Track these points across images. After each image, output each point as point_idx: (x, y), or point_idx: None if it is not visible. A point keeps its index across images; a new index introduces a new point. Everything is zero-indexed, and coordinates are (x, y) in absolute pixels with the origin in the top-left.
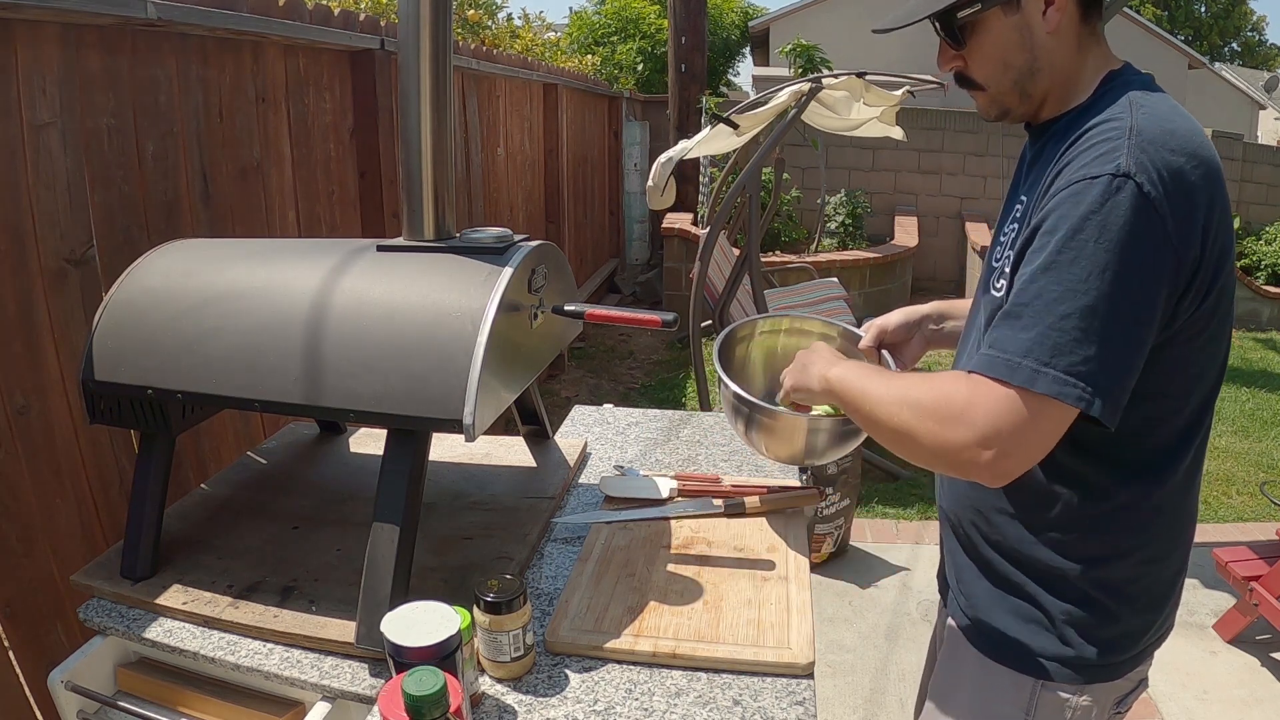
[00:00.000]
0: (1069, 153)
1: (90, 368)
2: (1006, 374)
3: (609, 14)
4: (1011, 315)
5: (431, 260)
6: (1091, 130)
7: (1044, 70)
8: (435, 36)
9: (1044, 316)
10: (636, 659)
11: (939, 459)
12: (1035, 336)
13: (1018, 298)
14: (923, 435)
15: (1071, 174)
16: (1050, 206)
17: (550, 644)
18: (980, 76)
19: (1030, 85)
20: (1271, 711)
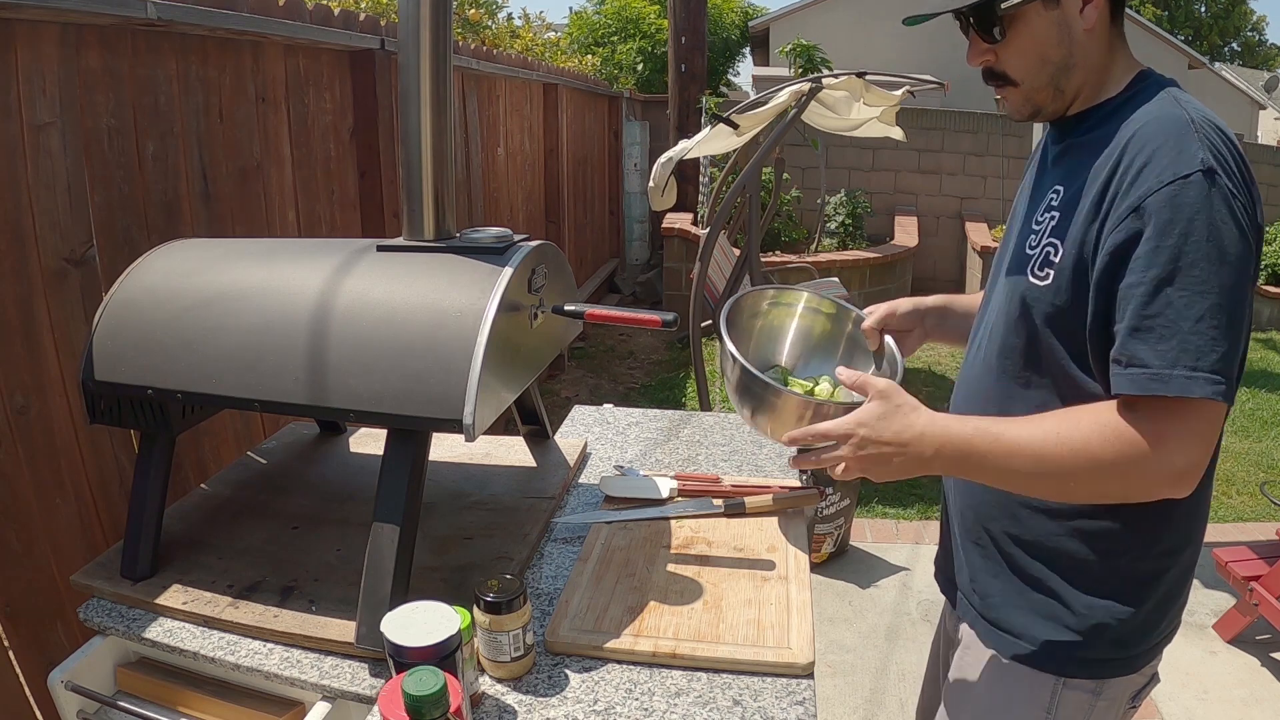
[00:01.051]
0: (1131, 152)
1: (90, 368)
2: (1162, 389)
3: (609, 14)
4: (1143, 330)
5: (431, 260)
6: (1150, 126)
7: (1078, 67)
8: (435, 36)
9: (1179, 323)
10: (636, 659)
11: (1133, 496)
12: (1177, 345)
13: (1143, 310)
14: (1114, 480)
15: (1158, 175)
16: (1148, 209)
17: (550, 644)
18: (1016, 72)
19: (1065, 81)
20: (1271, 711)
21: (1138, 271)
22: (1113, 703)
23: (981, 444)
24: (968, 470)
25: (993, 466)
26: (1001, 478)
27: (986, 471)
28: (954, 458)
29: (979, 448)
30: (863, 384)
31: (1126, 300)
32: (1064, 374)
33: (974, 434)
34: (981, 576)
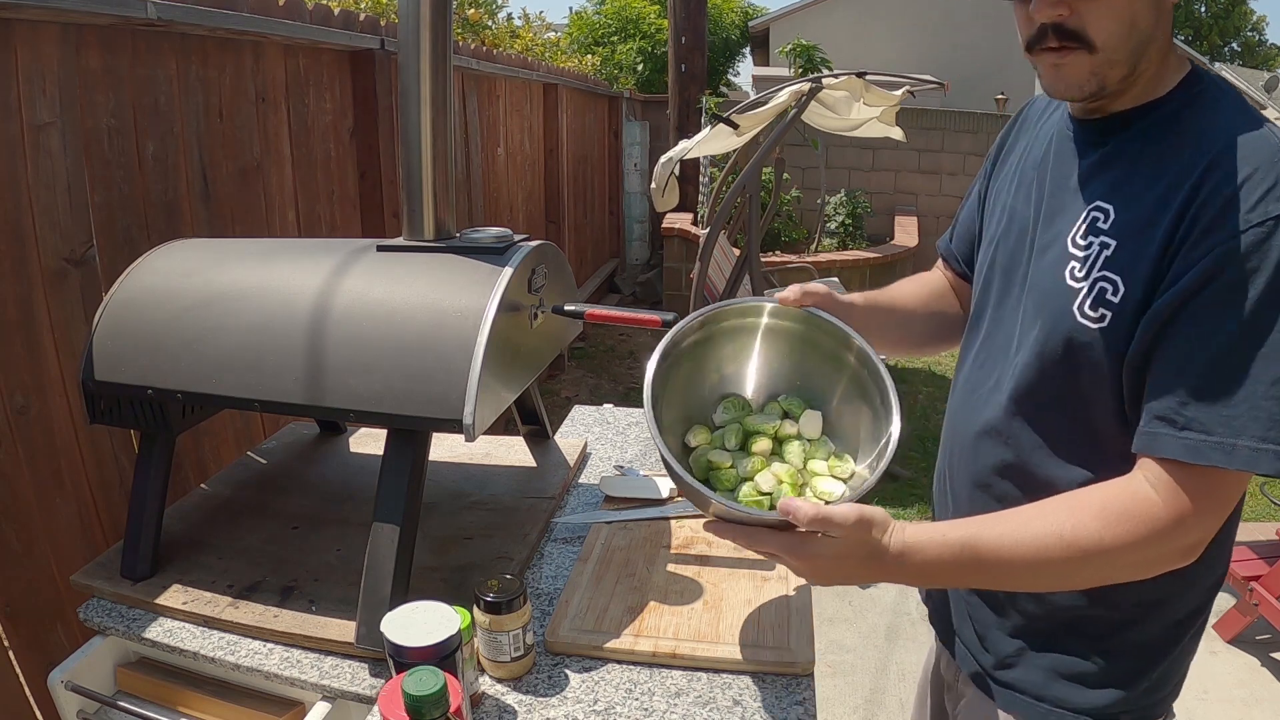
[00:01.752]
0: (1216, 176)
1: (90, 368)
2: (1224, 460)
3: (609, 14)
4: (1208, 390)
5: (431, 260)
6: (1239, 148)
7: (1155, 45)
8: (435, 36)
9: (1254, 387)
10: (636, 659)
11: (1137, 577)
12: (1247, 411)
13: (1213, 368)
14: (1123, 569)
15: (1246, 212)
16: (1226, 252)
17: (550, 644)
18: (1099, 33)
19: (1143, 59)
20: (1271, 711)
21: (1210, 321)
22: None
23: (966, 560)
24: (953, 584)
25: (983, 580)
26: (995, 586)
27: (974, 583)
28: (935, 578)
29: (963, 564)
30: (822, 523)
31: (1191, 353)
32: (1113, 433)
33: (958, 551)
34: (994, 634)
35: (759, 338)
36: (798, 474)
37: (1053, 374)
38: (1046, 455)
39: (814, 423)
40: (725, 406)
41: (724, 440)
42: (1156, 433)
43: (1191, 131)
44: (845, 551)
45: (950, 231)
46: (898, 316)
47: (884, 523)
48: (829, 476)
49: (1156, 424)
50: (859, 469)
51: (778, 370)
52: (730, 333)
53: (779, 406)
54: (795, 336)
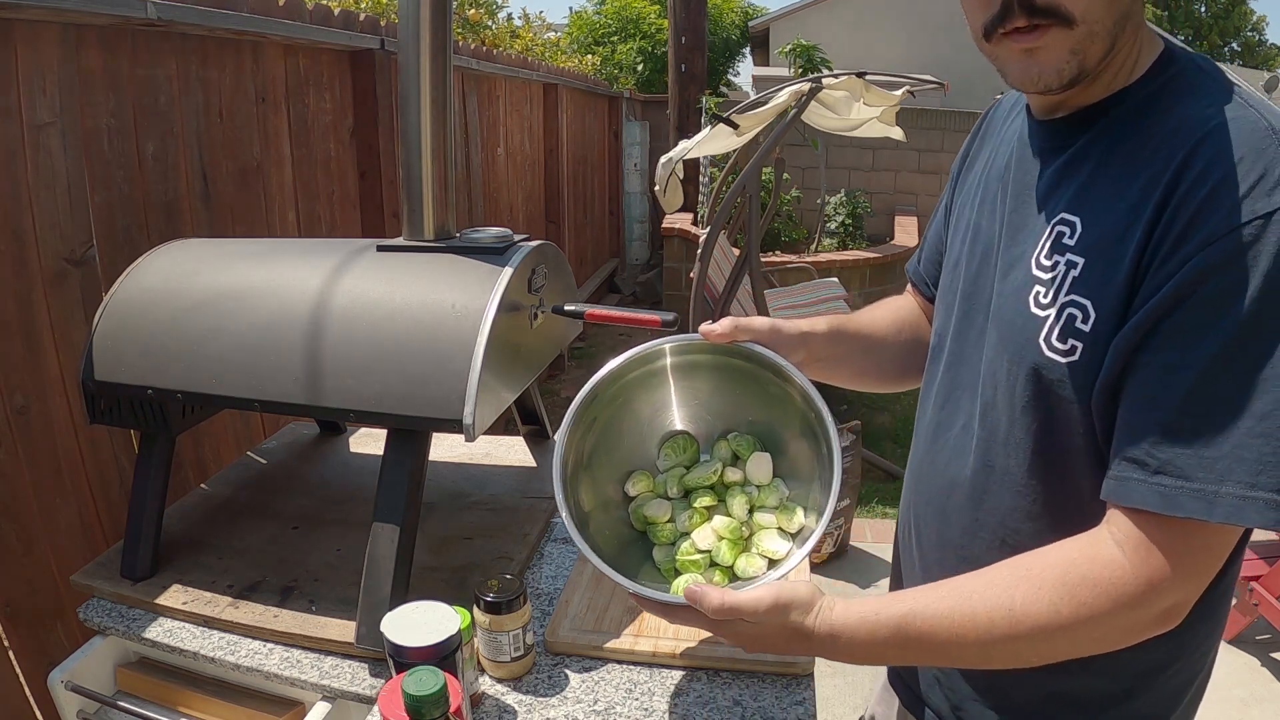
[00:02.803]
0: (1194, 170)
1: (90, 368)
2: (1203, 511)
3: (609, 14)
4: (1185, 429)
5: (431, 260)
6: (1217, 135)
7: (1132, 24)
8: (435, 36)
9: (1239, 420)
10: (636, 659)
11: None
12: (1231, 451)
13: (1188, 401)
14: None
15: (1228, 213)
16: (1205, 261)
17: (550, 644)
18: (1078, 5)
19: (1122, 37)
20: (1271, 711)
21: (1186, 343)
22: None
23: (899, 640)
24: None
25: (921, 657)
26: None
27: (911, 660)
28: (865, 658)
29: (897, 643)
30: (732, 611)
31: (1165, 384)
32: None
33: (891, 638)
34: (972, 707)
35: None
36: (740, 528)
37: (1023, 418)
38: (1024, 517)
39: (763, 466)
40: (667, 452)
41: (666, 487)
42: (1126, 477)
43: (1166, 121)
44: (767, 633)
45: (918, 254)
46: (865, 344)
47: (806, 603)
48: (774, 531)
49: (1125, 467)
50: (808, 520)
51: (719, 407)
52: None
53: (728, 446)
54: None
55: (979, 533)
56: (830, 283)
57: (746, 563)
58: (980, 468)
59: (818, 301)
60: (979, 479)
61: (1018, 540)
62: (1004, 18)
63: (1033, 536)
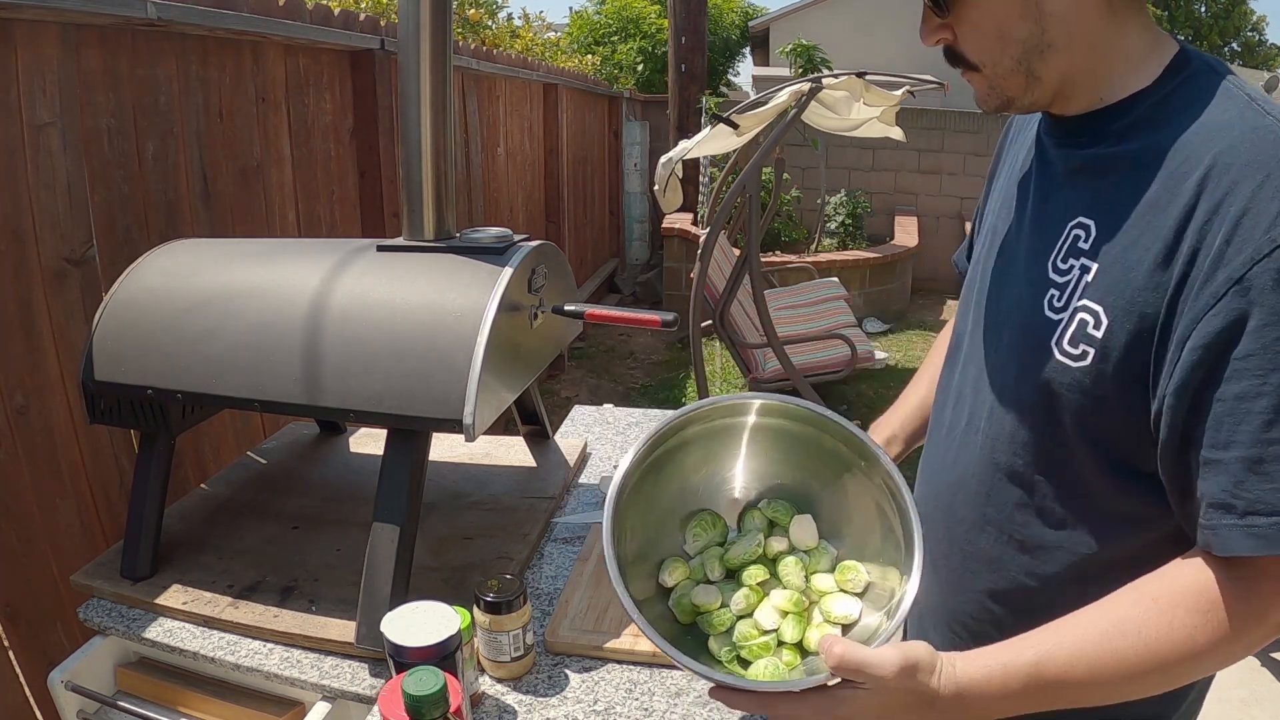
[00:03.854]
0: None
1: (90, 368)
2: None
3: (609, 14)
4: (1269, 460)
5: (431, 260)
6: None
7: (1059, 46)
8: (435, 36)
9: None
10: (636, 659)
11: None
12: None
13: (1266, 431)
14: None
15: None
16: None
17: (550, 644)
18: (973, 53)
19: (1039, 65)
20: (1271, 711)
21: (1252, 376)
22: None
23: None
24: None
25: (1055, 702)
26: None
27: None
28: (996, 713)
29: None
30: (859, 669)
31: (1237, 418)
32: (1099, 487)
33: (1024, 688)
34: None
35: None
36: (800, 598)
37: (1032, 420)
38: (1031, 515)
39: (808, 529)
40: (695, 532)
41: (705, 571)
42: (1216, 524)
43: (1180, 126)
44: (886, 704)
45: (966, 245)
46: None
47: (930, 662)
48: (839, 593)
49: (1215, 514)
50: (872, 576)
51: (754, 472)
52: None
53: (760, 515)
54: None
55: (985, 528)
56: (830, 282)
57: (820, 635)
58: (988, 465)
59: (818, 301)
60: (986, 476)
61: (1024, 536)
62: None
63: (1040, 533)
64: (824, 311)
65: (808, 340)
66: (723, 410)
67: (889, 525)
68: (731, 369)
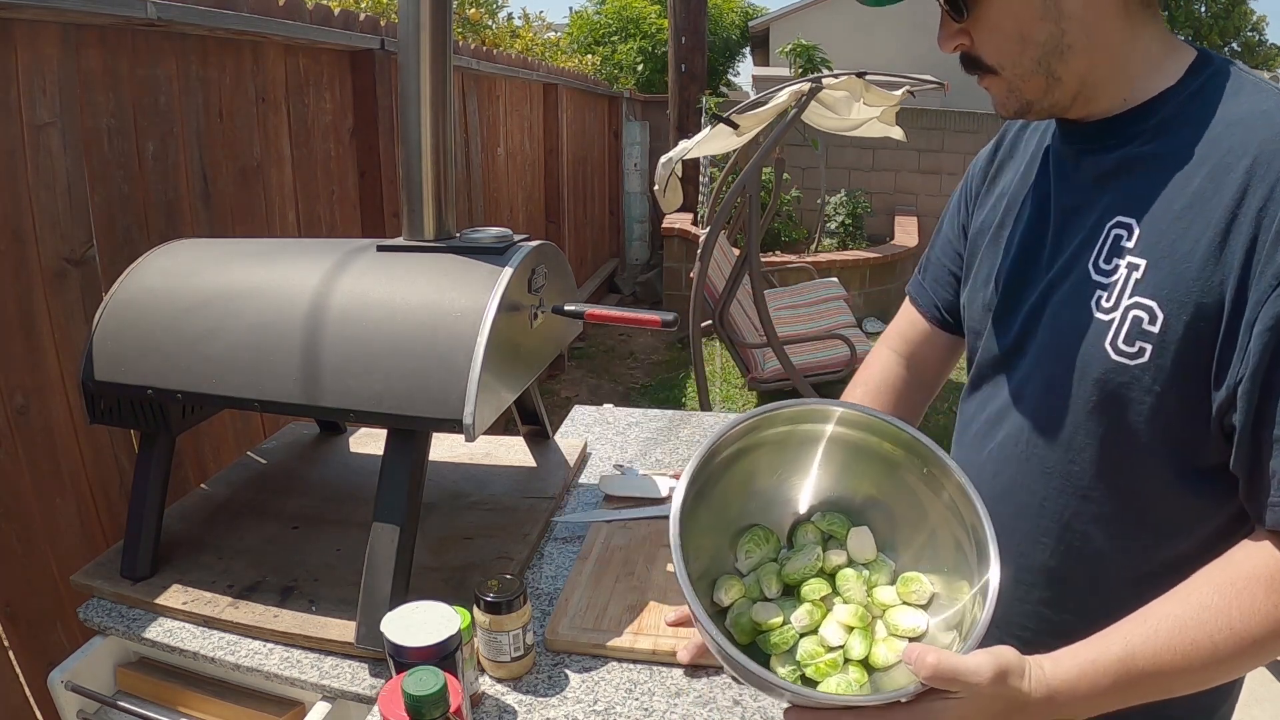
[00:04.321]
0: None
1: (90, 368)
2: None
3: (609, 14)
4: None
5: (431, 260)
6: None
7: (1078, 48)
8: (435, 36)
9: None
10: (636, 657)
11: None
12: None
13: None
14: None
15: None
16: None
17: (550, 642)
18: (993, 56)
19: (1060, 66)
20: (1272, 711)
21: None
22: None
23: (1124, 683)
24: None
25: (1145, 694)
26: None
27: (1133, 700)
28: (1087, 709)
29: (1120, 687)
30: (952, 679)
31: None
32: (1159, 484)
33: (1115, 684)
34: None
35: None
36: (865, 612)
37: (1088, 422)
38: (1090, 520)
39: (866, 541)
40: (747, 548)
41: (760, 589)
42: None
43: (1214, 123)
44: (977, 712)
45: (921, 274)
46: None
47: (1020, 666)
48: (904, 606)
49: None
50: (935, 587)
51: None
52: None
53: (814, 529)
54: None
55: (1040, 540)
56: (830, 283)
57: (888, 649)
58: (1040, 476)
59: (818, 301)
60: (1039, 488)
61: (1085, 543)
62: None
63: (1104, 538)
64: (824, 311)
65: (807, 340)
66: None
67: (956, 537)
68: (731, 369)
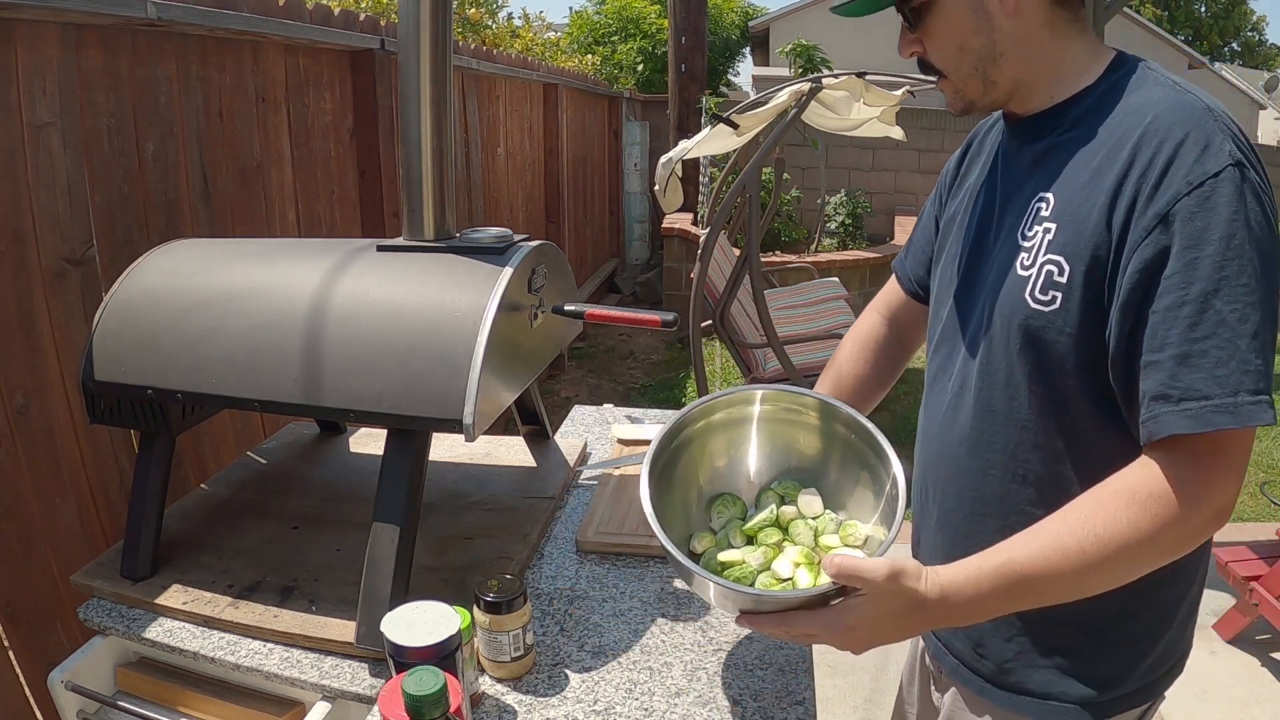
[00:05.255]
0: (1149, 148)
1: (90, 368)
2: (1230, 421)
3: (609, 14)
4: (1195, 355)
5: (431, 260)
6: (1164, 118)
7: (1009, 55)
8: (435, 36)
9: (1235, 343)
10: (651, 553)
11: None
12: (1238, 367)
13: (1192, 332)
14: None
15: (1185, 176)
16: (1179, 216)
17: (581, 544)
18: (939, 61)
19: (993, 71)
20: (1271, 711)
21: (1177, 290)
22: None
23: (1005, 587)
24: (995, 614)
25: (1025, 601)
26: (1038, 604)
27: (1017, 607)
28: (976, 613)
29: (1002, 591)
30: (853, 576)
31: (1168, 324)
32: (1085, 413)
33: (995, 581)
34: (992, 641)
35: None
36: (812, 553)
37: (1020, 362)
38: (1031, 449)
39: (813, 502)
40: (718, 510)
41: (729, 540)
42: (1158, 414)
43: (1118, 112)
44: (883, 610)
45: (905, 251)
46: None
47: (916, 570)
48: (844, 547)
49: (1155, 405)
50: (871, 531)
51: (766, 457)
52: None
53: (773, 494)
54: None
55: (990, 472)
56: (830, 282)
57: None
58: (983, 414)
59: (818, 301)
60: (984, 425)
61: (1028, 469)
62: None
63: (1041, 464)
64: (824, 311)
65: (808, 340)
66: (725, 403)
67: (881, 488)
68: (731, 369)
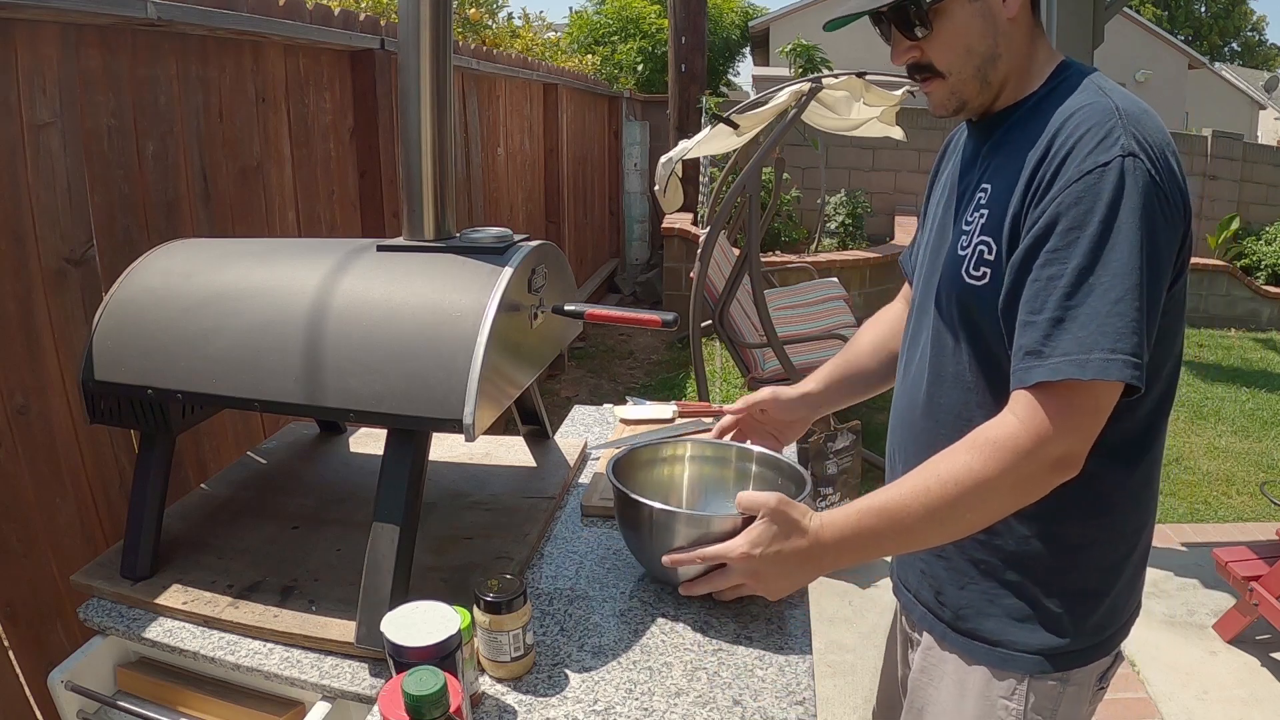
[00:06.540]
0: (1058, 142)
1: (90, 368)
2: (1077, 371)
3: (609, 14)
4: (1066, 320)
5: (431, 260)
6: (1076, 116)
7: (1004, 57)
8: (435, 36)
9: (1099, 307)
10: None
11: (1025, 501)
12: (1097, 329)
13: (1067, 300)
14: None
15: (1079, 165)
16: (1064, 200)
17: (586, 508)
18: (943, 64)
19: (991, 72)
20: (1271, 711)
21: (1058, 262)
22: (1081, 687)
23: (871, 523)
24: (872, 552)
25: (892, 538)
26: (906, 543)
27: (888, 545)
28: (854, 548)
29: (871, 527)
30: (752, 503)
31: (1049, 291)
32: None
33: (861, 516)
34: (949, 590)
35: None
36: None
37: (962, 331)
38: (975, 407)
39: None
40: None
41: None
42: (1026, 367)
43: (1050, 112)
44: (777, 536)
45: (909, 249)
46: (854, 383)
47: (803, 508)
48: None
49: (1026, 359)
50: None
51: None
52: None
53: None
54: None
55: (941, 430)
56: (830, 282)
57: None
58: (934, 379)
59: (818, 301)
60: (935, 389)
61: (969, 428)
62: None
63: (984, 421)
64: (824, 311)
65: (808, 340)
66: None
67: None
68: (731, 369)
